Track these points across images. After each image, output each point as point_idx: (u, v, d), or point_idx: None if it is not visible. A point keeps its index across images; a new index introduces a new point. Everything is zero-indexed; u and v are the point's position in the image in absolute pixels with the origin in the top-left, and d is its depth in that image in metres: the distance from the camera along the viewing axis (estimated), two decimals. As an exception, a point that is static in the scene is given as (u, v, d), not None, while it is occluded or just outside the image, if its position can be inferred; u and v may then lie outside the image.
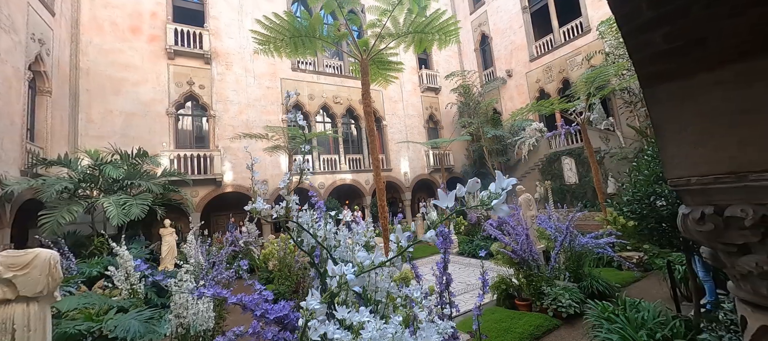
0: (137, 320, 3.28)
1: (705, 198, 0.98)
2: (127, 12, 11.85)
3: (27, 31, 8.09)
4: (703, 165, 0.94)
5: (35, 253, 2.61)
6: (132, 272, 5.30)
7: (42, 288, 2.60)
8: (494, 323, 4.50)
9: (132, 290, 5.24)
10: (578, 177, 12.97)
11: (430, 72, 19.55)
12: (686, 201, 1.05)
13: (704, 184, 0.95)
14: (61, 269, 2.74)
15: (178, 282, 3.28)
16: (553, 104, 10.59)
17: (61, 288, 4.11)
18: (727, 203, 0.92)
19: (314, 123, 15.59)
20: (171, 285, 3.42)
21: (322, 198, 14.67)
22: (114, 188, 8.57)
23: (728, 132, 0.89)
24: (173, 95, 12.16)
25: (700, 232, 0.98)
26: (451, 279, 1.69)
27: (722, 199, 0.93)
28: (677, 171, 1.01)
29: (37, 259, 2.59)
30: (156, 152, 10.97)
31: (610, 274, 5.71)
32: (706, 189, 0.95)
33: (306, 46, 5.63)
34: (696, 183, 0.96)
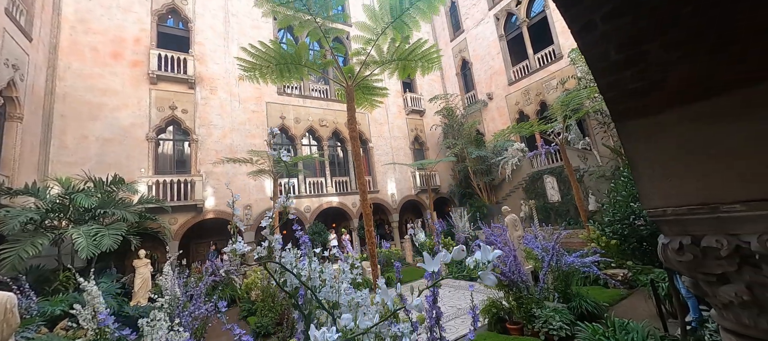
0: (103, 366, 2.99)
1: (681, 229, 1.01)
2: (108, 38, 11.73)
3: (1, 56, 7.82)
4: (677, 197, 0.98)
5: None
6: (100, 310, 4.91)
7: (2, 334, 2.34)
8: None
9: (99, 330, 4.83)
10: (560, 195, 13.33)
11: (414, 95, 20.08)
12: (664, 231, 1.07)
13: (679, 215, 0.98)
14: (18, 313, 2.48)
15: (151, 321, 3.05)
16: (533, 126, 11.02)
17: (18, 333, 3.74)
18: (703, 233, 0.95)
19: (300, 146, 15.51)
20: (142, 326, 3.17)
21: (308, 221, 14.35)
22: (85, 218, 8.09)
23: (695, 165, 0.93)
24: (154, 120, 11.88)
25: (681, 262, 1.00)
26: (440, 313, 1.64)
27: (698, 230, 0.96)
28: (653, 202, 1.04)
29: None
30: (133, 179, 10.55)
31: (597, 292, 5.77)
32: (682, 220, 0.99)
33: (292, 72, 5.70)
34: (671, 214, 1.00)
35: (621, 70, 1.01)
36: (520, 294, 4.78)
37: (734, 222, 0.89)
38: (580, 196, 9.14)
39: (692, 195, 0.95)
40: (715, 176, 0.91)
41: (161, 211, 10.45)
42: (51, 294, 6.95)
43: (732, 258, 0.90)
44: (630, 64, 0.98)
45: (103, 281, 7.86)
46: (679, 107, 0.94)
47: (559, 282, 5.26)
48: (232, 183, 12.92)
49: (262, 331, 6.22)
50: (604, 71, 1.06)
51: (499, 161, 15.94)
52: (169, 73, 12.30)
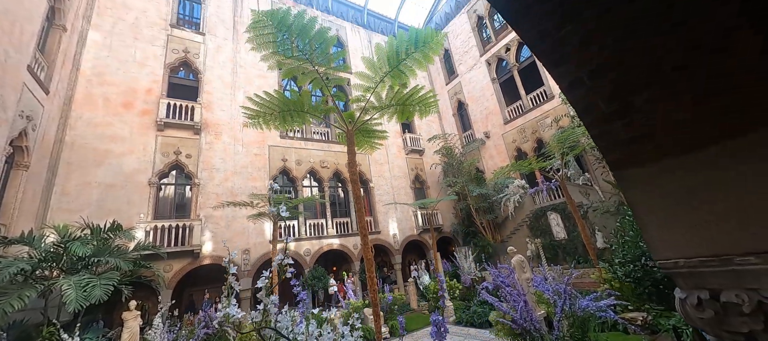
0: None
1: (697, 282, 0.96)
2: (121, 89, 12.33)
3: (17, 108, 8.17)
4: (686, 247, 0.95)
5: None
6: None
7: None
8: (501, 410, 3.99)
9: (79, 394, 4.45)
10: (566, 232, 13.03)
11: (413, 135, 20.56)
12: (679, 284, 1.02)
13: (692, 268, 0.94)
14: None
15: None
16: (531, 163, 11.12)
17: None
18: (721, 288, 0.90)
19: (301, 187, 15.54)
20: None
21: (308, 265, 13.88)
22: (78, 267, 7.86)
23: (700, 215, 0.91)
24: (158, 165, 12.06)
25: (702, 320, 0.94)
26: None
27: (715, 283, 0.92)
28: (663, 254, 1.01)
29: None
30: (132, 224, 10.44)
31: (616, 339, 5.38)
32: (696, 272, 0.94)
33: (294, 118, 5.89)
34: (684, 266, 0.96)
35: (610, 121, 1.04)
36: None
37: (751, 276, 0.85)
38: (586, 233, 8.92)
39: (702, 246, 0.91)
40: (722, 226, 0.89)
41: (156, 258, 10.17)
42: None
43: (756, 315, 0.84)
44: (619, 116, 1.01)
45: (89, 336, 7.42)
46: (675, 156, 0.95)
47: (576, 329, 4.93)
48: (231, 226, 12.74)
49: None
50: (593, 122, 1.09)
51: (500, 198, 15.85)
52: (176, 120, 12.74)
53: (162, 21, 14.32)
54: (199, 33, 15.20)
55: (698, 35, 0.82)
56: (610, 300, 4.83)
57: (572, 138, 9.53)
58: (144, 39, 13.56)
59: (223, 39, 15.92)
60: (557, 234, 13.24)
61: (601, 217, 11.85)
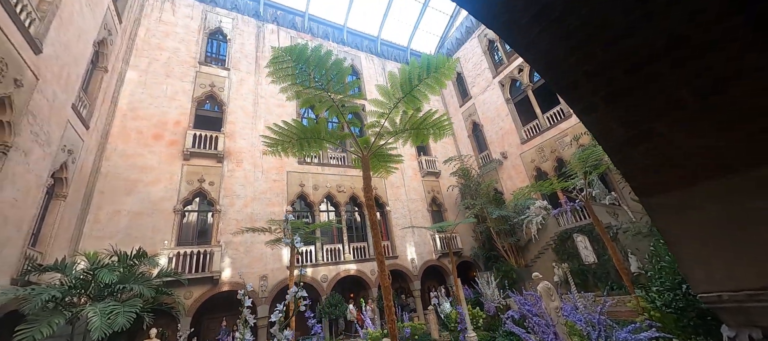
0: None
1: (746, 318, 0.86)
2: (153, 122, 13.21)
3: (60, 143, 8.88)
4: (730, 280, 0.86)
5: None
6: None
7: None
8: None
9: None
10: (596, 255, 12.26)
11: (428, 158, 20.53)
12: (725, 321, 0.92)
13: (739, 302, 0.85)
14: None
15: None
16: (552, 183, 10.75)
17: None
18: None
19: (318, 212, 15.66)
20: None
21: (325, 292, 13.68)
22: (104, 294, 8.10)
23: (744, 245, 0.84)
24: (183, 193, 12.58)
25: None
26: None
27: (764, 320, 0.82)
28: (704, 287, 0.92)
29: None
30: (156, 251, 10.78)
31: (659, 378, 4.84)
32: (743, 308, 0.85)
33: (311, 145, 6.05)
34: (730, 301, 0.87)
35: (629, 147, 0.99)
36: (567, 382, 4.08)
37: (811, 313, 0.76)
38: (618, 257, 8.36)
39: (748, 278, 0.83)
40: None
41: (177, 285, 10.36)
42: (57, 381, 6.62)
43: None
44: (638, 142, 0.96)
45: (112, 364, 7.47)
46: (705, 183, 0.89)
47: (612, 365, 4.50)
48: (250, 252, 12.89)
49: None
50: (612, 149, 1.05)
51: (522, 220, 15.27)
52: (201, 150, 13.39)
53: (192, 59, 15.47)
54: (225, 68, 16.26)
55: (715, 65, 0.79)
56: (651, 332, 4.40)
57: (594, 156, 9.20)
58: (175, 76, 14.63)
59: (246, 72, 16.93)
60: (586, 258, 12.47)
61: (633, 239, 11.12)
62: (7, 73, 6.57)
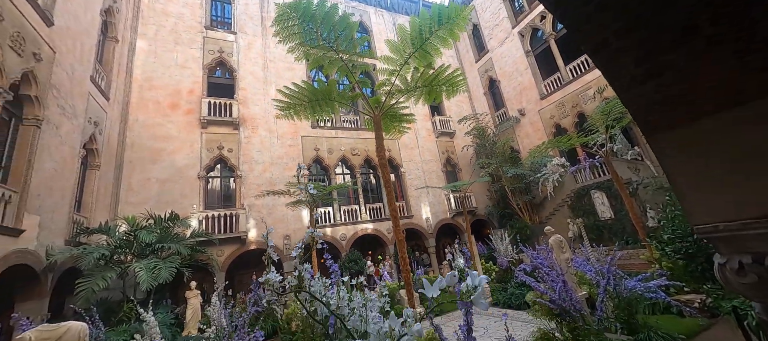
0: (157, 394, 3.19)
1: (739, 246, 0.90)
2: (168, 92, 13.43)
3: (86, 115, 9.29)
4: (727, 210, 0.89)
5: (67, 327, 2.70)
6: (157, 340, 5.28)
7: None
8: (539, 388, 3.97)
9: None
10: (613, 211, 12.14)
11: (442, 118, 20.10)
12: (719, 250, 0.96)
13: (733, 231, 0.88)
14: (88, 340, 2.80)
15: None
16: (571, 139, 10.40)
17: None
18: (765, 251, 0.84)
19: (334, 175, 16.03)
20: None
21: (344, 249, 14.46)
22: (146, 252, 8.93)
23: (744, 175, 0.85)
24: (205, 160, 13.11)
25: (744, 285, 0.88)
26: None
27: (759, 246, 0.85)
28: (701, 218, 0.95)
29: (68, 333, 2.66)
30: (186, 214, 11.54)
31: (670, 322, 5.01)
32: (738, 236, 0.88)
33: (323, 107, 6.06)
34: (724, 230, 0.90)
35: (642, 83, 0.97)
36: (576, 325, 4.31)
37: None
38: (635, 212, 8.26)
39: (745, 207, 0.85)
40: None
41: (210, 244, 11.20)
42: (116, 324, 7.61)
43: None
44: (650, 77, 0.94)
45: (160, 312, 8.46)
46: (713, 115, 0.87)
47: (621, 311, 4.68)
48: (272, 214, 13.59)
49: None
50: (624, 87, 1.03)
51: (538, 178, 15.09)
52: (217, 117, 13.66)
53: (197, 24, 15.20)
54: (231, 32, 15.93)
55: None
56: (660, 280, 4.49)
57: (617, 109, 8.73)
58: (183, 43, 14.52)
59: (253, 36, 16.54)
60: (602, 214, 12.39)
61: (654, 194, 10.87)
62: (26, 48, 6.75)
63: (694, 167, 0.94)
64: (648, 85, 0.98)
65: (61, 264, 7.78)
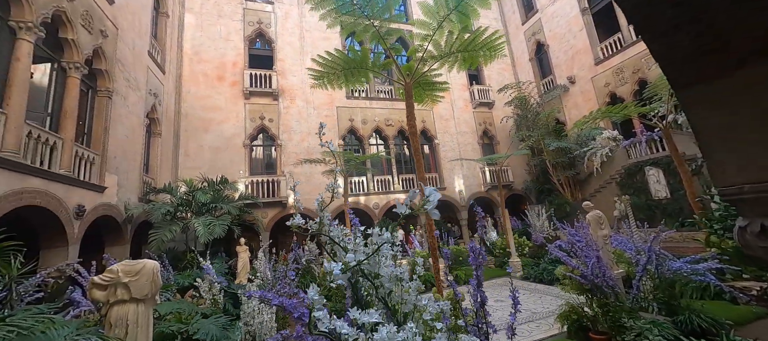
0: (215, 325, 3.78)
1: (764, 209, 0.84)
2: (214, 65, 14.29)
3: (146, 87, 10.32)
4: (755, 170, 0.83)
5: (143, 263, 3.27)
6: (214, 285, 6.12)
7: (147, 291, 3.22)
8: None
9: (214, 300, 6.03)
10: (669, 190, 11.00)
11: (481, 87, 19.07)
12: (743, 213, 0.91)
13: (759, 192, 0.83)
14: (160, 277, 3.37)
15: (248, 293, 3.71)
16: (628, 108, 9.38)
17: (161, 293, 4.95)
18: (793, 213, 0.78)
19: (368, 145, 16.30)
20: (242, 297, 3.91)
21: (377, 218, 15.00)
22: (202, 211, 10.07)
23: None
24: (248, 129, 14.03)
25: (763, 248, 0.84)
26: (485, 297, 1.64)
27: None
28: (727, 179, 0.90)
29: (145, 268, 3.23)
30: (234, 179, 12.65)
31: (719, 308, 4.64)
32: (763, 198, 0.83)
33: (355, 76, 6.10)
34: (749, 192, 0.84)
35: (677, 31, 0.89)
36: (607, 301, 4.19)
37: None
38: (693, 191, 7.44)
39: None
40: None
41: (255, 206, 12.28)
42: (182, 270, 8.88)
43: None
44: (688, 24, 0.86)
45: (216, 262, 9.65)
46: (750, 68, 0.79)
47: (662, 291, 4.42)
48: (310, 181, 14.36)
49: (335, 313, 6.82)
50: (656, 35, 0.95)
51: (584, 152, 13.99)
52: (258, 88, 14.35)
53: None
54: (269, 2, 16.17)
55: None
56: (712, 263, 4.11)
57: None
58: (225, 15, 15.11)
59: (289, 4, 16.65)
60: (656, 193, 11.29)
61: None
62: (94, 25, 7.53)
63: (725, 123, 0.88)
64: (686, 32, 0.90)
65: (137, 217, 9.11)
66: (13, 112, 5.07)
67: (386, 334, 0.86)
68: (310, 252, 11.90)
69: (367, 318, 0.90)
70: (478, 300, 1.61)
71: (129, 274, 3.16)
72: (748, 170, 0.85)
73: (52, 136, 6.08)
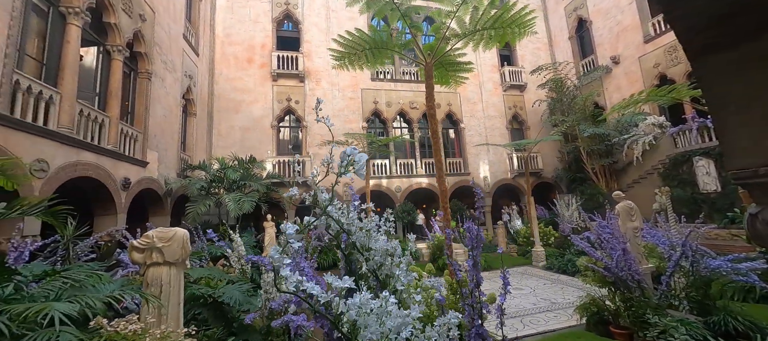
0: (239, 291, 4.09)
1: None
2: (244, 47, 14.71)
3: (182, 69, 10.90)
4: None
5: (175, 231, 3.59)
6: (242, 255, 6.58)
7: (179, 256, 3.53)
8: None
9: (242, 269, 6.50)
10: (720, 183, 9.97)
11: (513, 69, 18.06)
12: (756, 199, 0.81)
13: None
14: (189, 245, 3.71)
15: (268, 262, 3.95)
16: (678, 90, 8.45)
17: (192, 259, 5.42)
18: (813, 200, 0.69)
19: (391, 128, 16.21)
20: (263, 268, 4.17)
21: (399, 201, 15.08)
22: (233, 187, 10.70)
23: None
24: (276, 111, 14.46)
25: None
26: (481, 279, 1.63)
27: (805, 195, 0.70)
28: (741, 161, 0.80)
29: (176, 235, 3.55)
30: (262, 158, 13.22)
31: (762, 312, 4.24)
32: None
33: (377, 56, 6.02)
34: (765, 175, 0.75)
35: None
36: (631, 295, 3.97)
37: None
38: (750, 184, 6.66)
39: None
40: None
41: (282, 185, 12.81)
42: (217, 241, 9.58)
43: None
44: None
45: (245, 235, 10.30)
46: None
47: (695, 290, 4.10)
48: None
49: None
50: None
51: (624, 140, 12.95)
52: (285, 71, 14.63)
53: (267, -23, 15.76)
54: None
55: None
56: (758, 263, 3.72)
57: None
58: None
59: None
60: (705, 186, 10.28)
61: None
62: (133, 10, 7.99)
63: (740, 96, 0.78)
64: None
65: (176, 191, 9.87)
66: (66, 92, 5.62)
67: (359, 300, 0.89)
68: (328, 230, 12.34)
69: (339, 284, 0.94)
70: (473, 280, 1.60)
71: (163, 240, 3.49)
72: (763, 150, 0.76)
73: (100, 114, 6.67)
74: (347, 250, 1.33)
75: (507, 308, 6.07)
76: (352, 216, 1.41)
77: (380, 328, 0.88)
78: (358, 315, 0.87)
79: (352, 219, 1.40)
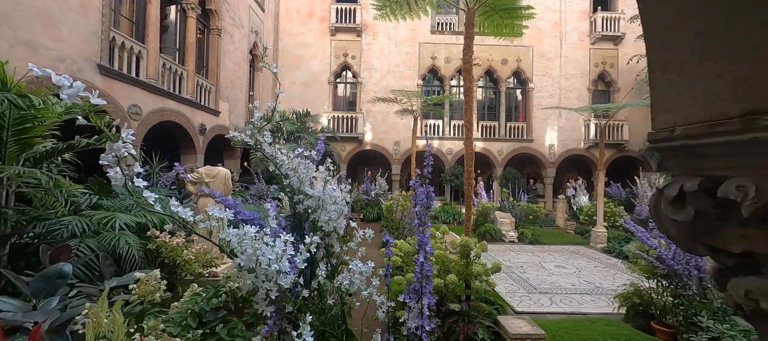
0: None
1: (693, 164, 0.53)
2: (306, 1, 14.93)
3: (249, 25, 11.73)
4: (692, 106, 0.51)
5: (219, 170, 4.20)
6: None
7: (221, 190, 4.16)
8: (604, 337, 3.56)
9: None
10: None
11: (609, 14, 14.88)
12: (671, 169, 0.58)
13: (690, 137, 0.51)
14: (231, 182, 4.32)
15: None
16: None
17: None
18: (725, 174, 0.46)
19: (449, 87, 15.30)
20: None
21: (449, 163, 14.66)
22: (289, 139, 11.72)
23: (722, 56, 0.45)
24: (333, 66, 14.81)
25: (675, 223, 0.54)
26: (427, 243, 1.55)
27: (718, 164, 0.48)
28: (661, 118, 0.58)
29: (220, 173, 4.17)
30: (318, 113, 13.97)
31: None
32: (690, 147, 0.51)
33: (419, 6, 5.57)
34: (681, 137, 0.53)
35: None
36: (683, 292, 3.34)
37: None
38: None
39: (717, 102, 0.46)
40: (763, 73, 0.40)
41: (334, 140, 13.52)
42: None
43: (764, 219, 0.41)
44: None
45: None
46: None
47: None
48: (386, 121, 14.72)
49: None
50: None
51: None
52: (343, 24, 14.58)
53: (328, -77, 15.22)
54: (358, -73, 15.31)
55: None
56: None
57: None
58: (316, -53, 15.14)
59: (379, -73, 15.43)
60: None
61: None
62: (205, -32, 8.66)
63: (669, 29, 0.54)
64: None
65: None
66: (151, 47, 6.63)
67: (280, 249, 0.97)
68: (380, 187, 12.79)
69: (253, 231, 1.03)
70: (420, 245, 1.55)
71: (209, 176, 4.13)
72: (683, 107, 0.53)
73: (179, 68, 7.76)
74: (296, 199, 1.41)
75: (539, 283, 5.74)
76: (295, 161, 1.46)
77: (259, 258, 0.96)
78: (239, 243, 0.96)
79: (294, 165, 1.45)
